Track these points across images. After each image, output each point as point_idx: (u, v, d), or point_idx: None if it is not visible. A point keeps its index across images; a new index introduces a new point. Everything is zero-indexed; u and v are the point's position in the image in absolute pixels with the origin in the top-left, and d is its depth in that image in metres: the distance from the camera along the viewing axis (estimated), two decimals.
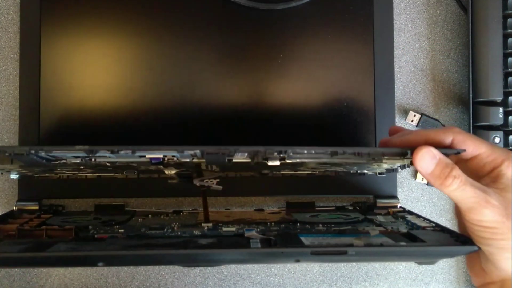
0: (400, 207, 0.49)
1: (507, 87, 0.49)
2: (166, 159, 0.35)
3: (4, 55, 0.51)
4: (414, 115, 0.51)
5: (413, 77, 0.53)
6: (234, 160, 0.36)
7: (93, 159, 0.35)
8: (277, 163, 0.35)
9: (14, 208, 0.48)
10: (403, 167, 0.42)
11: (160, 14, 0.49)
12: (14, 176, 0.45)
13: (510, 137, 0.49)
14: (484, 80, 0.49)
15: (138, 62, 0.49)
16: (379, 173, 0.47)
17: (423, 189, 0.52)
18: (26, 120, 0.49)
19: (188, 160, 0.36)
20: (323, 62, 0.50)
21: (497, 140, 0.49)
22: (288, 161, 0.36)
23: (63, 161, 0.35)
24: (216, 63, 0.49)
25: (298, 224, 0.41)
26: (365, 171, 0.46)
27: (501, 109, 0.49)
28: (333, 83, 0.50)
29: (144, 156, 0.34)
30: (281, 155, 0.32)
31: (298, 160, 0.36)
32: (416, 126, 0.51)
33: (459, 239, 0.34)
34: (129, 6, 0.49)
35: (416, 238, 0.35)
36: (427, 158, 0.31)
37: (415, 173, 0.52)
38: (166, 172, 0.41)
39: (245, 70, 0.49)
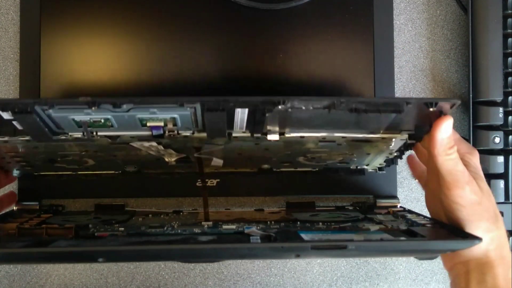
0: (400, 206, 0.49)
1: (507, 87, 0.49)
2: (166, 131, 0.35)
3: (4, 55, 0.51)
4: None
5: (413, 77, 0.53)
6: (234, 135, 0.36)
7: (94, 133, 0.35)
8: (276, 137, 0.36)
9: (14, 208, 0.48)
10: (401, 152, 0.42)
11: (159, 14, 0.49)
12: (15, 173, 0.45)
13: (510, 137, 0.49)
14: (484, 80, 0.49)
15: (138, 62, 0.49)
16: (379, 169, 0.47)
17: (422, 194, 0.52)
18: None
19: (188, 134, 0.36)
20: (323, 62, 0.50)
21: (497, 140, 0.49)
22: (287, 135, 0.36)
23: (64, 136, 0.35)
24: (216, 63, 0.49)
25: (298, 222, 0.41)
26: (365, 166, 0.46)
27: (501, 109, 0.49)
28: (332, 84, 0.50)
29: (145, 125, 0.34)
30: (281, 107, 0.31)
31: (297, 134, 0.36)
32: None
33: (459, 233, 0.34)
34: (129, 6, 0.49)
35: (416, 234, 0.35)
36: (449, 126, 0.33)
37: None
38: (166, 159, 0.41)
39: (244, 70, 0.49)
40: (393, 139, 0.39)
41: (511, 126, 0.49)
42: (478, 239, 0.32)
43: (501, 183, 0.49)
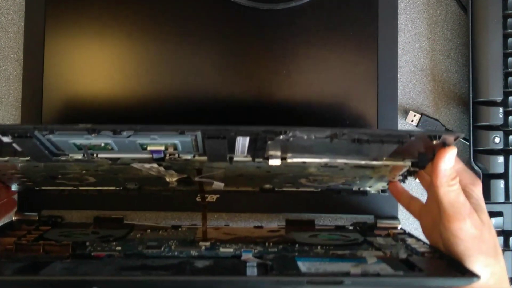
0: (401, 228, 0.48)
1: (507, 87, 0.49)
2: (167, 155, 0.35)
3: (4, 55, 0.51)
4: (414, 115, 0.51)
5: (413, 77, 0.53)
6: (235, 159, 0.36)
7: (95, 155, 0.35)
8: (278, 162, 0.36)
9: (13, 218, 0.48)
10: (404, 177, 0.42)
11: (160, 14, 0.49)
12: (15, 187, 0.45)
13: (510, 137, 0.49)
14: (484, 80, 0.49)
15: (139, 61, 0.49)
16: (382, 191, 0.46)
17: (423, 193, 0.52)
18: (28, 120, 0.49)
19: (189, 157, 0.36)
20: (323, 63, 0.49)
21: (497, 140, 0.49)
22: (289, 161, 0.36)
23: (65, 157, 0.35)
24: (216, 63, 0.49)
25: (297, 245, 0.40)
26: (368, 188, 0.46)
27: (501, 109, 0.49)
28: (334, 86, 0.49)
29: (146, 149, 0.34)
30: (282, 137, 0.32)
31: (299, 160, 0.36)
32: (416, 126, 0.51)
33: (458, 268, 0.34)
34: (131, 5, 0.49)
35: (414, 266, 0.34)
36: (452, 157, 0.33)
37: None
38: (167, 179, 0.41)
39: (244, 71, 0.49)
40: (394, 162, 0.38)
41: (511, 126, 0.49)
42: (477, 276, 0.32)
43: (501, 183, 0.49)
